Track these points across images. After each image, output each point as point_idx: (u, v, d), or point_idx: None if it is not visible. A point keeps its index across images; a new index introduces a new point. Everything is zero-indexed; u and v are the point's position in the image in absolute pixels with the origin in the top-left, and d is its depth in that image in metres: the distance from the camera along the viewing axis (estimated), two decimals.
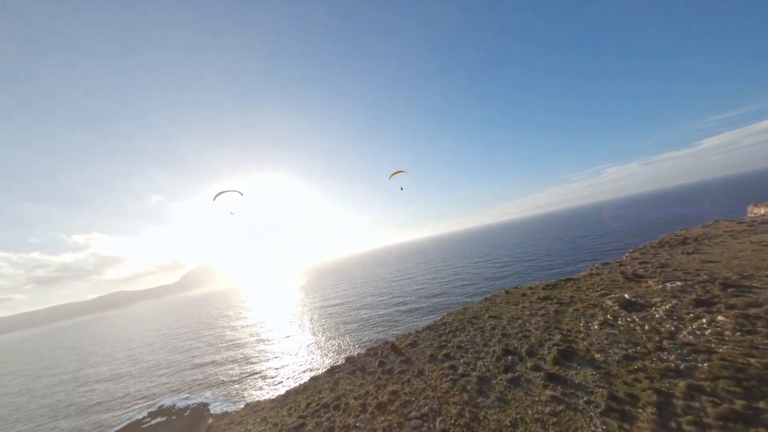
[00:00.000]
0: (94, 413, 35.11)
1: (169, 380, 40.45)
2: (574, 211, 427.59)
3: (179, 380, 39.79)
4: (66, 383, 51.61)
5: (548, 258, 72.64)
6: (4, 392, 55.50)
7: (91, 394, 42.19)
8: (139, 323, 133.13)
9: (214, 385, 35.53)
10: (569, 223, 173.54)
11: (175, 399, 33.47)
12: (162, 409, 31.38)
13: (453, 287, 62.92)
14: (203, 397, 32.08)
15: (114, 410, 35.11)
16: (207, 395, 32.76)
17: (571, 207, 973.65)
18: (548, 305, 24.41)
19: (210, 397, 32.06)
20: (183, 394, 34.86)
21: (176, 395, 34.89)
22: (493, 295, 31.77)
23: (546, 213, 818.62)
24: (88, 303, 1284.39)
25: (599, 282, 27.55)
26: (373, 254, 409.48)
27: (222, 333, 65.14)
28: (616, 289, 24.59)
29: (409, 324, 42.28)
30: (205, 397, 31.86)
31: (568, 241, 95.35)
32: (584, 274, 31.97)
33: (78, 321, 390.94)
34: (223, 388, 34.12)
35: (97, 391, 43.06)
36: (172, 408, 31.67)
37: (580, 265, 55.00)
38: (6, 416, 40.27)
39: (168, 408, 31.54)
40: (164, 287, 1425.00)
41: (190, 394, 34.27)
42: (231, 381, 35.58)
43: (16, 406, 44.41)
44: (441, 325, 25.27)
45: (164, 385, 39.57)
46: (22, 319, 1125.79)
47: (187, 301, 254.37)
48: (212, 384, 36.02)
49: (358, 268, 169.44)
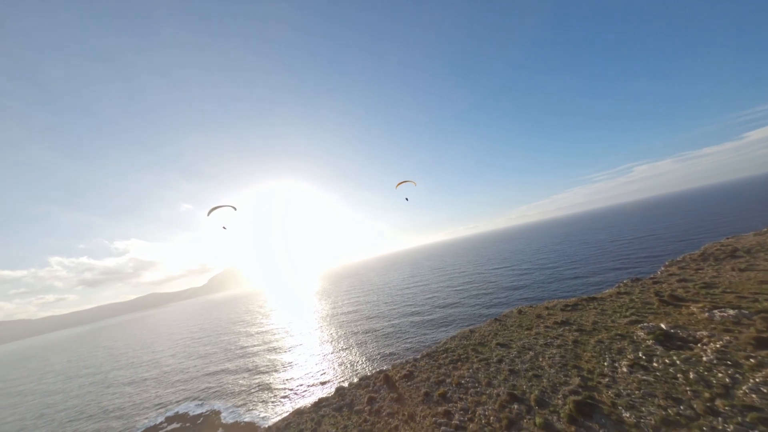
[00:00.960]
0: (115, 418, 36.41)
1: (185, 386, 41.38)
2: (600, 212, 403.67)
3: (194, 387, 40.51)
4: (96, 384, 53.88)
5: (572, 265, 66.98)
6: (44, 390, 58.83)
7: (116, 397, 44.07)
8: (166, 325, 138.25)
9: (226, 394, 35.60)
10: (594, 226, 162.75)
11: (191, 405, 34.47)
12: (177, 415, 32.48)
13: (467, 297, 59.08)
14: (215, 406, 32.76)
15: (134, 415, 36.03)
16: (219, 404, 32.91)
17: (596, 208, 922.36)
18: (566, 333, 21.09)
19: (221, 405, 32.34)
20: (197, 401, 35.45)
21: (191, 402, 35.76)
22: (505, 314, 28.58)
23: (568, 215, 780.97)
24: (128, 303, 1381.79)
25: (628, 304, 23.75)
26: (388, 258, 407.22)
27: (237, 339, 65.41)
28: (650, 315, 20.87)
29: (418, 338, 39.65)
30: (217, 406, 32.52)
31: (594, 246, 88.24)
32: (610, 292, 28.02)
33: (118, 320, 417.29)
34: (234, 398, 33.98)
35: (121, 394, 44.98)
36: (186, 415, 32.48)
37: (608, 275, 49.65)
38: (37, 415, 43.15)
39: (182, 414, 32.52)
40: (193, 289, 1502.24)
41: (204, 401, 34.72)
42: (241, 391, 35.62)
43: (48, 404, 47.52)
44: (442, 353, 22.58)
45: (180, 391, 40.58)
46: (73, 317, 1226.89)
47: (211, 303, 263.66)
48: (224, 393, 36.01)
49: (372, 273, 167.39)
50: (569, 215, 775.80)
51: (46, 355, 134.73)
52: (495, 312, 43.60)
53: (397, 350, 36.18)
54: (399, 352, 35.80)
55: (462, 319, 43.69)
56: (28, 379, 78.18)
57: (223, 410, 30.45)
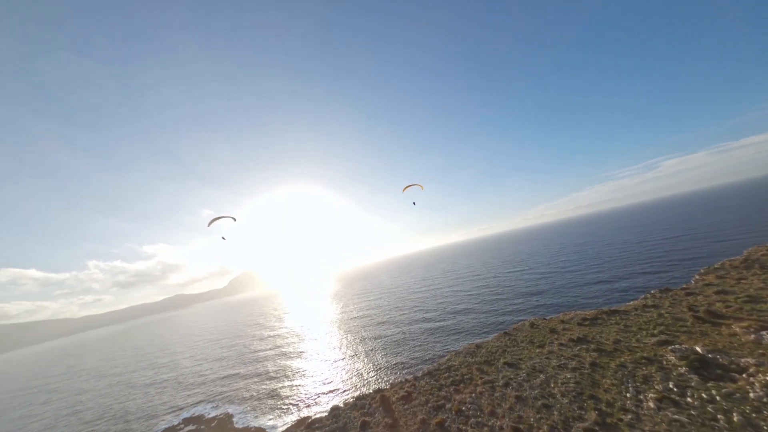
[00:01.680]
0: (135, 419, 37.77)
1: (200, 389, 42.69)
2: (624, 211, 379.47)
3: (208, 390, 41.60)
4: (121, 384, 56.83)
5: (594, 269, 62.47)
6: (76, 388, 63.02)
7: (138, 398, 46.44)
8: (187, 327, 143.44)
9: (238, 399, 36.07)
10: (619, 226, 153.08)
11: (207, 407, 35.61)
12: (194, 417, 33.85)
13: (480, 302, 56.26)
14: (228, 409, 33.70)
15: (152, 416, 37.29)
16: (231, 408, 33.77)
17: (619, 207, 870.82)
18: (583, 353, 18.86)
19: (234, 410, 33.22)
20: (212, 404, 36.58)
21: (206, 404, 36.91)
22: (515, 327, 26.43)
23: (589, 214, 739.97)
24: (157, 304, 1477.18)
25: (657, 320, 21.07)
26: (401, 261, 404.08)
27: (250, 342, 66.41)
28: (682, 335, 18.26)
29: (426, 347, 38.14)
30: (230, 410, 33.49)
31: (619, 247, 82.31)
32: (635, 304, 25.19)
33: (148, 320, 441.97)
34: (245, 403, 34.65)
35: (142, 394, 47.38)
36: (201, 417, 33.69)
37: (635, 281, 45.46)
38: (68, 413, 45.74)
39: (198, 416, 33.80)
40: (214, 291, 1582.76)
41: (218, 405, 35.72)
42: (252, 397, 35.93)
43: (78, 402, 50.85)
44: (445, 371, 20.92)
45: (196, 394, 41.73)
46: (109, 316, 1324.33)
47: (230, 305, 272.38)
48: (236, 398, 36.60)
49: (385, 276, 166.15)
50: (590, 214, 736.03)
51: (82, 352, 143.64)
52: (508, 320, 41.03)
53: (404, 360, 34.95)
54: (406, 361, 34.44)
55: (473, 327, 41.61)
56: (64, 376, 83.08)
57: (236, 414, 31.32)
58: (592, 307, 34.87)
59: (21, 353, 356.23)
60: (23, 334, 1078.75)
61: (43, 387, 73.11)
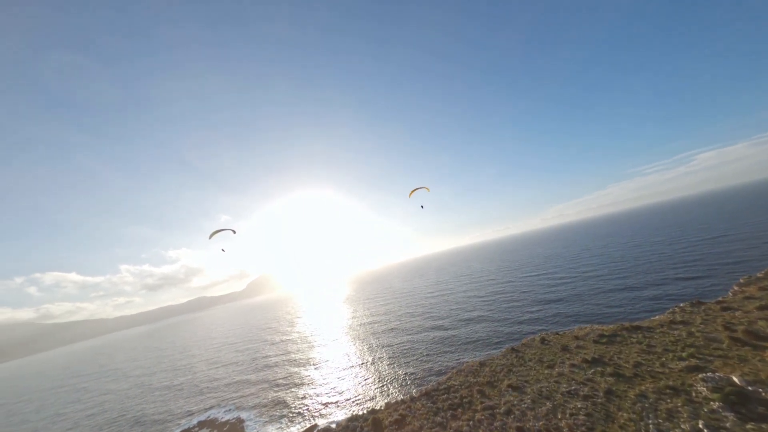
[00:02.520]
0: (150, 423, 39.16)
1: (213, 394, 43.93)
2: (653, 209, 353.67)
3: (220, 396, 42.57)
4: (141, 387, 59.54)
5: (620, 274, 57.61)
6: (102, 388, 66.81)
7: (155, 399, 48.56)
8: (206, 329, 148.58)
9: (248, 405, 36.67)
10: (647, 226, 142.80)
11: (220, 411, 36.61)
12: (208, 420, 35.03)
13: (494, 310, 53.37)
14: (240, 414, 34.40)
15: (167, 421, 38.46)
16: (242, 414, 34.42)
17: (648, 205, 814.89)
18: (598, 377, 16.82)
19: (245, 415, 33.91)
20: (224, 409, 37.45)
21: (218, 409, 37.81)
22: (524, 343, 24.43)
23: (614, 213, 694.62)
24: (182, 305, 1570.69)
25: (686, 340, 18.55)
26: (413, 264, 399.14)
27: (262, 347, 67.34)
28: (716, 360, 15.83)
29: (435, 358, 36.65)
30: (241, 415, 34.22)
31: (647, 249, 76.05)
32: (661, 319, 22.52)
33: (173, 321, 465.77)
34: (254, 409, 35.30)
35: (160, 396, 49.37)
36: (215, 421, 34.63)
37: (666, 288, 40.63)
38: (91, 414, 48.00)
39: (211, 420, 34.87)
40: (234, 294, 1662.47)
41: (230, 409, 36.68)
42: (260, 404, 36.34)
43: (101, 402, 53.50)
44: (443, 392, 19.46)
45: (208, 399, 42.68)
46: (139, 317, 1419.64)
47: (247, 308, 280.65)
48: (246, 404, 37.23)
49: (397, 280, 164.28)
50: (615, 213, 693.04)
51: (113, 352, 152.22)
52: (522, 331, 38.49)
53: (410, 371, 33.88)
54: (412, 373, 33.25)
55: (485, 337, 39.49)
56: (94, 375, 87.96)
57: (246, 420, 32.09)
58: (616, 317, 31.87)
59: (63, 351, 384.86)
60: (65, 333, 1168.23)
61: (76, 385, 77.47)
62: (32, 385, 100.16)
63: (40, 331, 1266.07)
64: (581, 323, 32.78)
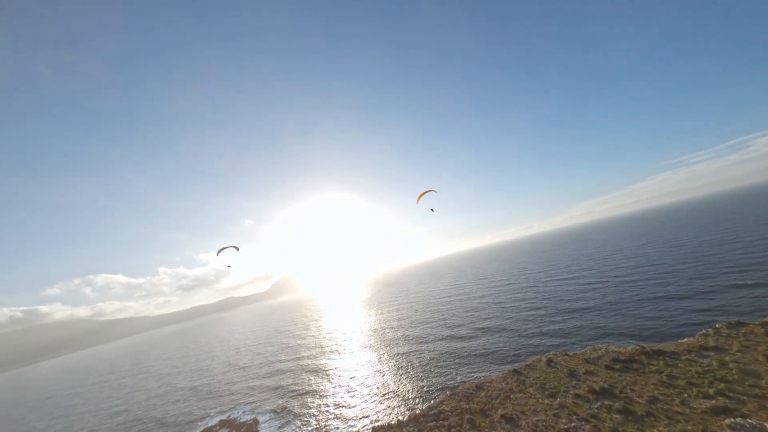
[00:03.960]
0: (175, 423, 41.22)
1: (233, 395, 45.68)
2: (701, 202, 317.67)
3: (239, 397, 44.27)
4: (167, 386, 63.60)
5: (659, 279, 48.72)
6: (134, 386, 71.97)
7: (178, 397, 51.64)
8: (229, 330, 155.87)
9: (263, 408, 37.92)
10: (693, 222, 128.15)
11: (238, 412, 38.42)
12: (228, 419, 36.83)
13: (513, 319, 49.29)
14: (256, 415, 36.00)
15: (186, 422, 40.33)
16: (258, 416, 35.82)
17: (694, 198, 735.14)
18: (604, 413, 14.73)
19: (260, 418, 35.36)
20: (242, 410, 39.00)
21: (236, 410, 39.59)
22: (529, 364, 22.38)
23: (653, 209, 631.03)
24: (213, 305, 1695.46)
25: (716, 371, 15.77)
26: (431, 265, 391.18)
27: (279, 350, 69.03)
28: (751, 401, 13.21)
29: (445, 371, 34.89)
30: (257, 417, 35.76)
31: (693, 250, 66.90)
32: (690, 343, 19.53)
33: (204, 320, 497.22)
34: (269, 412, 36.54)
35: (182, 396, 52.10)
36: (234, 421, 36.48)
37: (722, 297, 33.88)
38: (121, 410, 51.54)
39: (231, 420, 36.65)
40: (258, 294, 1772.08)
41: (248, 411, 38.07)
42: (274, 409, 37.36)
43: (131, 401, 57.11)
44: (432, 418, 18.20)
45: (230, 399, 44.60)
46: (176, 315, 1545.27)
47: (269, 308, 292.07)
48: (261, 407, 38.53)
49: (414, 282, 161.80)
50: (654, 208, 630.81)
51: (149, 349, 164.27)
52: (542, 344, 34.62)
53: (414, 386, 32.52)
54: (419, 387, 31.86)
55: (497, 351, 36.76)
56: (130, 372, 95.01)
57: (261, 422, 33.24)
58: (648, 333, 27.69)
59: (112, 345, 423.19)
60: (115, 329, 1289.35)
61: (112, 382, 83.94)
62: (81, 378, 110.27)
63: (95, 327, 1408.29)
64: (606, 338, 29.34)
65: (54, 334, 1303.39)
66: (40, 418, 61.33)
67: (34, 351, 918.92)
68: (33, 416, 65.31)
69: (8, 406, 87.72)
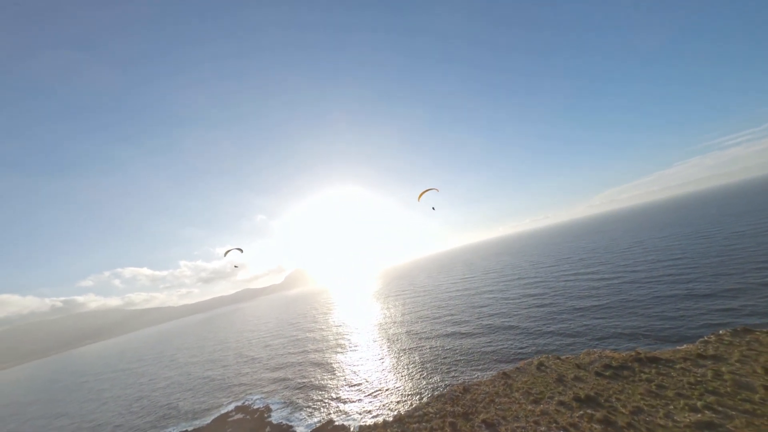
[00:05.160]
0: (191, 411, 43.73)
1: (247, 384, 48.12)
2: (739, 189, 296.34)
3: (252, 386, 46.60)
4: (184, 375, 67.29)
5: (683, 275, 44.97)
6: (155, 374, 76.96)
7: (196, 385, 54.54)
8: (243, 321, 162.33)
9: (275, 397, 40.00)
10: (727, 211, 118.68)
11: (252, 399, 41.02)
12: (243, 405, 39.50)
13: (520, 317, 47.07)
14: (268, 402, 38.54)
15: (207, 408, 42.62)
16: (270, 404, 38.06)
17: (729, 184, 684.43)
18: (584, 423, 14.48)
19: (271, 405, 37.59)
20: (255, 397, 41.45)
21: (250, 397, 41.96)
22: (520, 367, 22.17)
23: (682, 196, 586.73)
24: (231, 296, 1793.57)
25: (709, 383, 15.04)
26: (441, 258, 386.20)
27: (288, 343, 71.44)
28: (739, 417, 12.60)
29: (447, 369, 34.72)
30: (269, 404, 38.19)
31: (721, 243, 59.16)
32: (689, 350, 18.66)
33: (223, 310, 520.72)
34: (280, 401, 38.44)
35: (198, 384, 55.05)
36: (249, 407, 38.95)
37: (750, 297, 30.87)
38: (138, 398, 54.94)
39: (246, 406, 39.21)
40: (273, 286, 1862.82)
41: (261, 398, 40.44)
42: (282, 399, 39.17)
43: (151, 388, 61.12)
44: (416, 420, 18.52)
45: (243, 388, 46.94)
46: (198, 306, 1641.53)
47: (282, 300, 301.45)
48: (273, 396, 40.58)
49: (423, 275, 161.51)
50: (682, 196, 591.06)
51: (171, 339, 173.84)
52: (548, 344, 32.94)
53: (409, 385, 32.49)
54: (413, 385, 31.87)
55: (499, 350, 35.76)
56: (153, 360, 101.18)
57: (274, 409, 35.36)
58: (659, 335, 25.61)
59: (139, 333, 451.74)
60: (143, 318, 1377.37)
61: (136, 369, 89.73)
62: (111, 364, 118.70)
63: (126, 316, 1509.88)
64: (614, 340, 27.91)
65: (90, 322, 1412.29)
66: (76, 400, 67.01)
67: (74, 337, 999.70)
68: (71, 397, 71.34)
69: (53, 387, 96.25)
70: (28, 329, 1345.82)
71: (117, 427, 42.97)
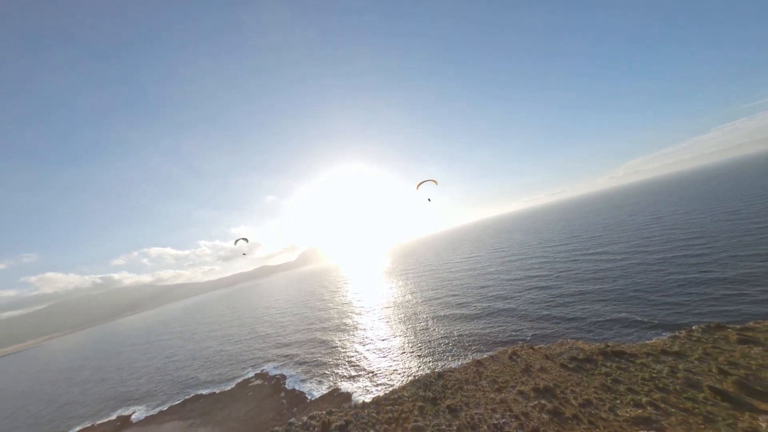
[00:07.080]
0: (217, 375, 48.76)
1: (263, 354, 52.58)
2: None
3: (268, 356, 51.06)
4: (203, 349, 73.47)
5: (708, 258, 40.60)
6: (178, 346, 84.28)
7: (212, 356, 60.55)
8: (259, 297, 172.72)
9: (288, 366, 44.15)
10: (765, 182, 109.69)
11: (269, 367, 45.51)
12: (261, 373, 44.14)
13: (520, 300, 45.95)
14: (282, 371, 42.64)
15: (228, 377, 47.07)
16: (284, 372, 42.21)
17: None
18: (535, 412, 15.66)
19: (286, 373, 41.67)
20: (272, 365, 45.79)
21: (267, 365, 46.22)
22: (495, 355, 23.46)
23: (717, 164, 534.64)
24: (250, 273, 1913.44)
25: (663, 379, 15.67)
26: (451, 235, 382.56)
27: (297, 320, 75.82)
28: (676, 414, 13.33)
29: (443, 353, 35.78)
30: (283, 372, 42.21)
31: (749, 219, 54.95)
32: (656, 344, 19.14)
33: (243, 286, 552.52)
34: (293, 369, 42.31)
35: (219, 356, 60.54)
36: (266, 374, 43.52)
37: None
38: (160, 366, 61.80)
39: (264, 374, 43.83)
40: (288, 264, 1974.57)
41: (277, 366, 44.75)
42: (298, 366, 42.76)
43: (177, 358, 67.83)
44: (390, 403, 20.45)
45: (260, 358, 51.42)
46: (221, 282, 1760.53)
47: (295, 277, 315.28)
48: (287, 364, 44.74)
49: (430, 253, 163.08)
50: (719, 164, 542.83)
51: (195, 312, 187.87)
52: (547, 330, 33.12)
53: (412, 365, 31.77)
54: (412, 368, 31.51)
55: (494, 334, 35.37)
56: (178, 332, 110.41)
57: (288, 377, 39.45)
58: (668, 323, 24.26)
59: (168, 307, 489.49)
60: (172, 293, 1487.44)
61: (163, 342, 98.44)
62: (143, 335, 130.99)
63: (157, 291, 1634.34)
64: (610, 327, 26.95)
65: (126, 296, 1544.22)
66: (114, 368, 75.63)
67: (114, 309, 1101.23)
68: (109, 366, 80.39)
69: (99, 355, 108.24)
70: (79, 302, 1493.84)
71: (149, 391, 48.77)
